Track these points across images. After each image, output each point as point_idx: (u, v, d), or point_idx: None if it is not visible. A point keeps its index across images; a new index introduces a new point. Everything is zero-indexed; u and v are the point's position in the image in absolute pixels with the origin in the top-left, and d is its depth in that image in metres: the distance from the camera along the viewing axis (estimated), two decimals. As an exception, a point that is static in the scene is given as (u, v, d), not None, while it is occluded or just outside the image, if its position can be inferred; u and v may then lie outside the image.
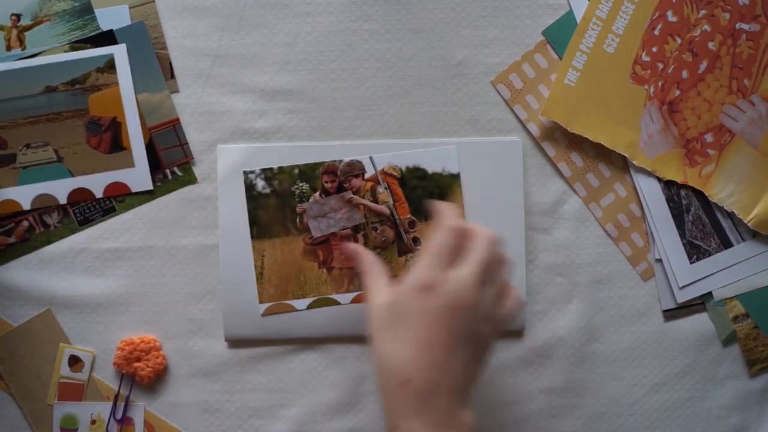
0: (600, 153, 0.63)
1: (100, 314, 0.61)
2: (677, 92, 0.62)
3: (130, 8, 0.56)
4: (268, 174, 0.56)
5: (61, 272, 0.61)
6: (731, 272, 0.63)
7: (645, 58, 0.61)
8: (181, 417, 0.61)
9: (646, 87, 0.62)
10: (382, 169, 0.54)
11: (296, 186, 0.55)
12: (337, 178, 0.56)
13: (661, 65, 0.61)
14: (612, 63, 0.61)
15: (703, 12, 0.61)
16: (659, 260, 0.63)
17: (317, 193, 0.57)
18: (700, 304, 0.64)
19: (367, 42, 0.62)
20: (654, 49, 0.61)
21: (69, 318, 0.61)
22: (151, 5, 0.57)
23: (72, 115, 0.54)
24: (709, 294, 0.63)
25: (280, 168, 0.56)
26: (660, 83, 0.61)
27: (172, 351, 0.61)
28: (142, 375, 0.60)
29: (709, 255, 0.63)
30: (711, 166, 0.62)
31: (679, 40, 0.61)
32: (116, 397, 0.60)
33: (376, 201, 0.55)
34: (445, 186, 0.60)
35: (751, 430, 0.64)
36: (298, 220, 0.57)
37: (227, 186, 0.59)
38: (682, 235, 0.62)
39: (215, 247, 0.61)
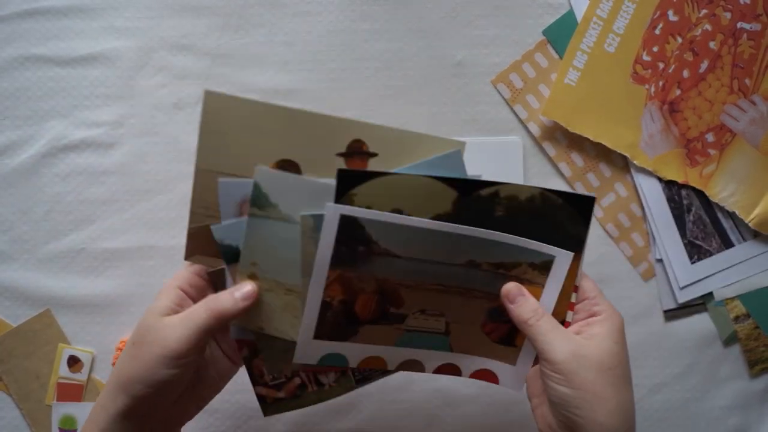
0: (600, 153, 0.63)
1: (99, 314, 0.61)
2: (678, 92, 0.61)
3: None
4: None
5: (60, 272, 0.61)
6: (732, 272, 0.63)
7: (646, 57, 0.61)
8: (180, 417, 0.61)
9: (647, 86, 0.61)
10: None
11: None
12: None
13: (661, 65, 0.61)
14: (613, 62, 0.61)
15: (704, 11, 0.61)
16: (660, 260, 0.63)
17: None
18: (700, 304, 0.63)
19: (367, 41, 0.62)
20: (655, 49, 0.61)
21: (68, 318, 0.61)
22: None
23: (481, 296, 0.47)
24: (710, 294, 0.63)
25: None
26: (661, 83, 0.61)
27: (171, 351, 0.61)
28: (142, 375, 0.60)
29: (710, 255, 0.63)
30: (712, 166, 0.62)
31: (680, 40, 0.61)
32: (115, 397, 0.60)
33: None
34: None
35: (752, 430, 0.64)
36: None
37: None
38: (682, 235, 0.62)
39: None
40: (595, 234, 0.63)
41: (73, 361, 0.60)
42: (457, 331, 0.48)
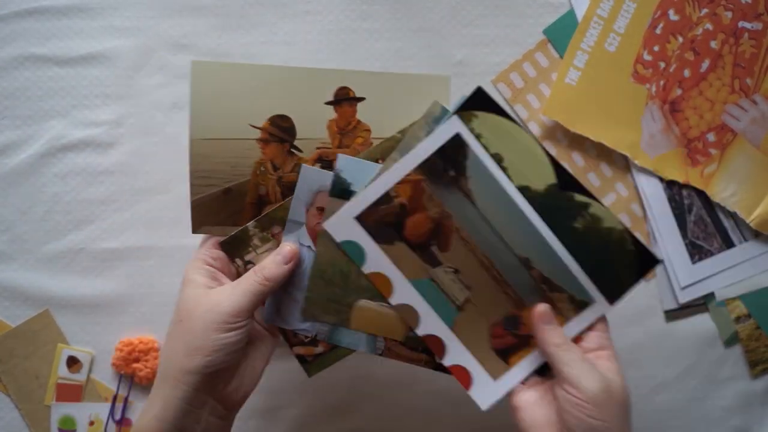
0: (601, 153, 0.62)
1: (98, 315, 0.61)
2: (679, 91, 0.61)
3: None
4: None
5: (59, 272, 0.61)
6: (733, 272, 0.63)
7: (646, 57, 0.61)
8: (180, 418, 0.61)
9: (648, 86, 0.61)
10: None
11: None
12: None
13: (662, 64, 0.61)
14: (613, 62, 0.61)
15: (705, 11, 0.61)
16: (661, 260, 0.63)
17: None
18: (701, 304, 0.63)
19: (367, 41, 0.62)
20: (656, 48, 0.61)
21: (67, 318, 0.61)
22: None
23: (512, 297, 0.46)
24: (711, 294, 0.63)
25: None
26: (662, 82, 0.61)
27: (171, 352, 0.61)
28: (141, 376, 0.59)
29: (711, 255, 0.62)
30: (713, 166, 0.62)
31: (681, 39, 0.61)
32: (115, 398, 0.60)
33: None
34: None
35: (753, 431, 0.64)
36: None
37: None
38: (684, 236, 0.62)
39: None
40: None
41: (72, 362, 0.60)
42: (468, 314, 0.46)
